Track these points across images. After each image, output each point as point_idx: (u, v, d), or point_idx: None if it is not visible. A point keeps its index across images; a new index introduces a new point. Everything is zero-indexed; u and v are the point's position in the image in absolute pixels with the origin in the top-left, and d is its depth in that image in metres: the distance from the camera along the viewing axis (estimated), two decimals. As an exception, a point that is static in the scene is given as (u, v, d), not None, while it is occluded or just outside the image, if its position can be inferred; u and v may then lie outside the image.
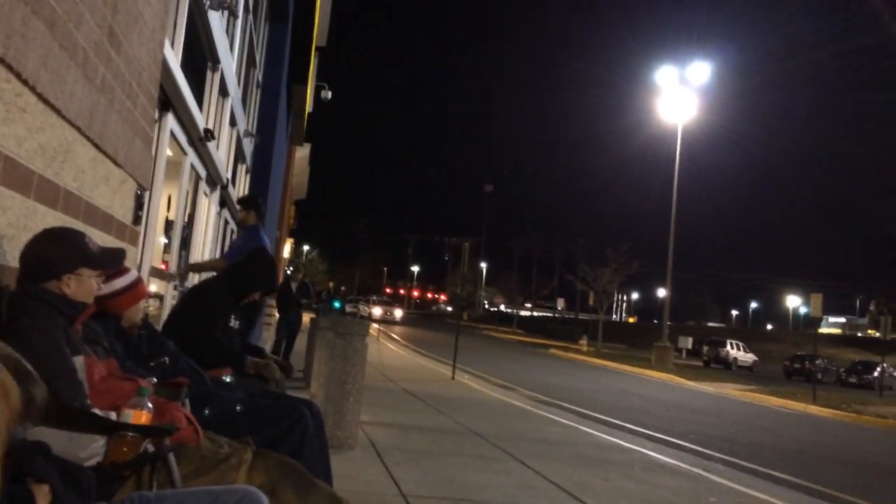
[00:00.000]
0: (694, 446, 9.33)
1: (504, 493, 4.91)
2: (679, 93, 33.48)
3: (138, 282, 2.89)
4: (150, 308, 6.25)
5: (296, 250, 65.86)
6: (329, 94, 26.74)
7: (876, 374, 35.08)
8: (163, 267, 7.10)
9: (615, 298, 64.87)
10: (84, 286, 2.25)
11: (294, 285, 12.97)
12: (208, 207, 9.62)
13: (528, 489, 5.15)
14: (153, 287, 6.37)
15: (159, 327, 4.95)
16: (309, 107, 26.07)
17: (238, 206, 7.27)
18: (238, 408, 2.93)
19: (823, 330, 73.03)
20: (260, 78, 15.15)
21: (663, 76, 34.65)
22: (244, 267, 4.27)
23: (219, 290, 4.12)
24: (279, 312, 12.88)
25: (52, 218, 2.67)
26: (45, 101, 2.45)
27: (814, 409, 18.37)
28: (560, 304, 65.17)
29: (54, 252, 2.19)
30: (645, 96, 42.29)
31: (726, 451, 9.22)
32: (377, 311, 48.61)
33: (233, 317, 4.20)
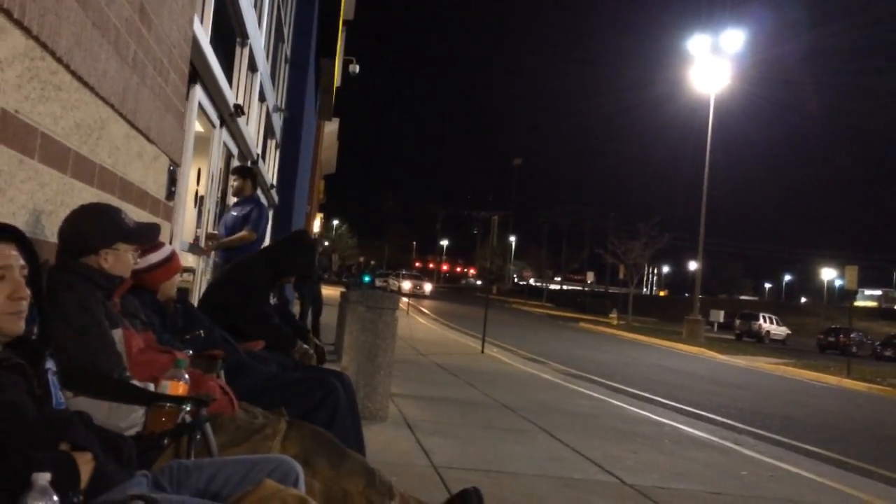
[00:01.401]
0: (725, 420, 9.29)
1: (534, 465, 4.95)
2: (712, 62, 32.83)
3: (173, 256, 2.95)
4: (184, 282, 6.35)
5: (325, 225, 66.27)
6: (357, 69, 26.69)
7: (912, 347, 34.53)
8: (194, 241, 7.19)
9: (646, 272, 64.41)
10: (121, 260, 2.30)
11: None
12: (239, 183, 9.69)
13: (557, 461, 5.18)
14: (186, 261, 6.46)
15: (193, 300, 5.04)
16: (337, 81, 26.07)
17: (233, 176, 7.04)
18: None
19: (859, 303, 71.81)
20: (288, 53, 15.15)
21: (696, 45, 34.01)
22: (288, 250, 4.32)
23: (261, 269, 4.19)
24: (296, 288, 12.92)
25: (89, 194, 2.72)
26: (79, 79, 2.49)
27: (848, 383, 18.15)
28: (590, 277, 64.78)
29: (91, 227, 2.23)
30: (677, 66, 41.60)
31: (758, 425, 9.16)
32: (406, 286, 48.84)
33: (271, 294, 4.30)
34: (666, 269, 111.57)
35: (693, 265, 46.53)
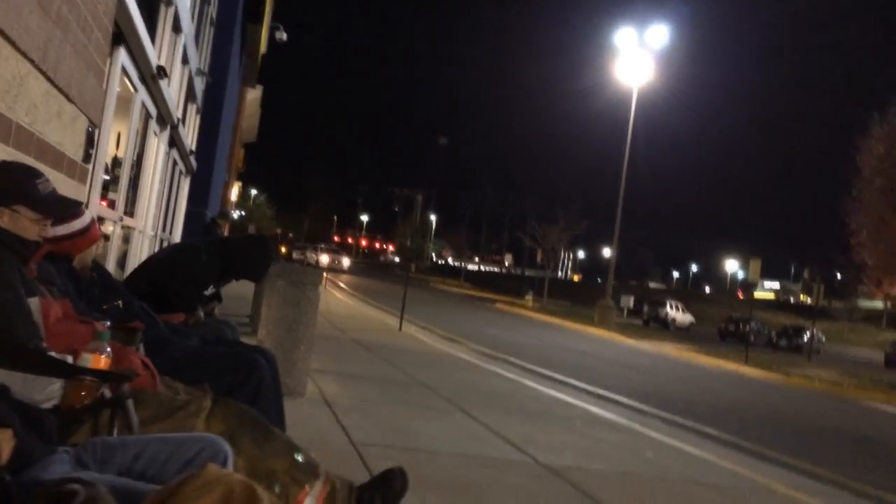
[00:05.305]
0: (632, 402, 9.64)
1: (451, 444, 5.02)
2: (637, 55, 33.57)
3: (92, 224, 2.83)
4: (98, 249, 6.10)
5: (243, 194, 64.73)
6: (284, 36, 26.05)
7: (805, 338, 36.60)
8: (104, 205, 6.92)
9: (562, 256, 65.59)
10: (18, 224, 2.16)
11: (220, 233, 12.78)
12: (157, 147, 9.38)
13: (475, 440, 5.27)
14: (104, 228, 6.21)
15: (107, 266, 4.86)
16: (263, 48, 25.39)
17: None
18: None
19: (758, 294, 75.50)
20: (214, 15, 14.66)
21: (622, 38, 34.65)
22: (247, 254, 4.24)
23: (211, 261, 4.10)
24: None
25: (3, 153, 2.58)
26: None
27: (746, 370, 19.12)
28: (508, 259, 65.74)
29: None
30: (604, 59, 42.16)
31: (662, 408, 9.54)
32: (324, 259, 48.31)
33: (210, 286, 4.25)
34: (581, 254, 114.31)
35: (607, 252, 47.79)
